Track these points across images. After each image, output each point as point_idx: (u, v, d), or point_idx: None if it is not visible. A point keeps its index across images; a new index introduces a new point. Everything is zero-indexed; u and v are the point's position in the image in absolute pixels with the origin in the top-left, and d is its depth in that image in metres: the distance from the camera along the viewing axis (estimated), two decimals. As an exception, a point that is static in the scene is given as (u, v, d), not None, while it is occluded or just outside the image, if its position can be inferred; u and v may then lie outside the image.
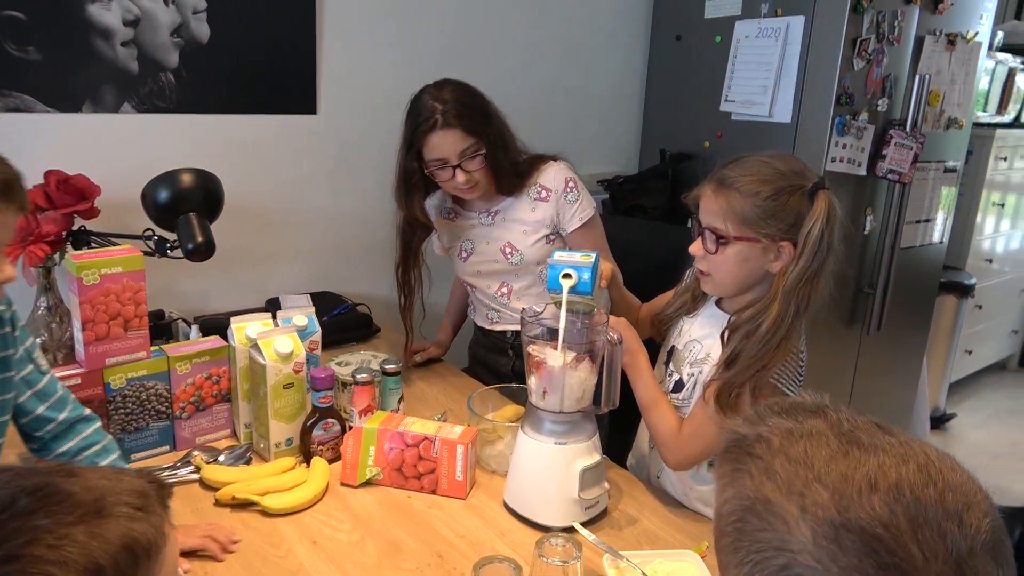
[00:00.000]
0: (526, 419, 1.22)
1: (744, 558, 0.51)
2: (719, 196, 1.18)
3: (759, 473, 0.52)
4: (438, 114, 1.50)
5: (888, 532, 0.45)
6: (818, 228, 1.13)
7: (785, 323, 1.14)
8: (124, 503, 0.59)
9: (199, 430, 1.42)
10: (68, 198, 1.56)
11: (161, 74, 1.79)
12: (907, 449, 0.50)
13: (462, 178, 1.55)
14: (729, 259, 1.19)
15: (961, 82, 2.61)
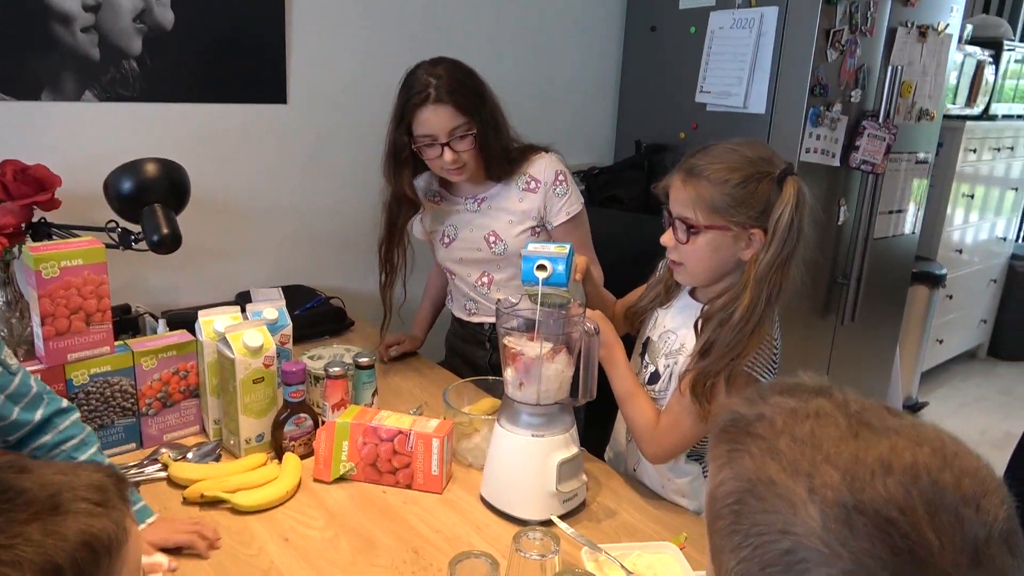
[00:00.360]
0: (502, 412, 1.20)
1: (742, 542, 0.48)
2: (688, 185, 1.18)
3: (761, 453, 0.49)
4: (431, 88, 1.47)
5: (903, 516, 0.43)
6: (788, 214, 1.13)
7: (758, 310, 1.14)
8: (81, 498, 0.56)
9: (166, 427, 1.38)
10: (26, 189, 1.50)
11: (124, 61, 1.73)
12: (920, 432, 0.47)
13: (450, 157, 1.51)
14: (700, 248, 1.19)
15: (932, 74, 2.64)
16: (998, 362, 4.20)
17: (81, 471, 0.60)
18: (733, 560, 0.49)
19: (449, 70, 1.51)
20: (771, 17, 2.27)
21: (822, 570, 0.43)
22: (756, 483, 0.49)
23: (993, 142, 3.69)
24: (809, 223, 1.16)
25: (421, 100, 1.48)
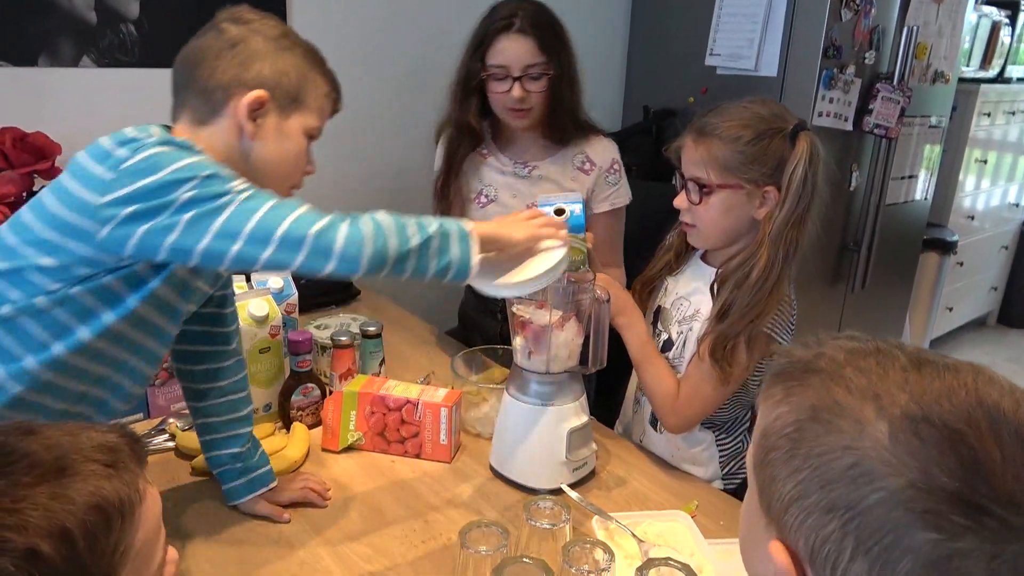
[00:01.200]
0: (511, 381, 1.19)
1: (801, 464, 0.48)
2: (700, 145, 1.16)
3: (824, 383, 0.50)
4: (516, 18, 1.41)
5: (971, 429, 0.44)
6: (801, 169, 1.11)
7: (775, 269, 1.12)
8: (91, 460, 0.55)
9: (174, 397, 1.37)
10: (26, 157, 1.48)
11: (121, 25, 1.69)
12: (977, 368, 0.49)
13: (518, 94, 1.42)
14: (713, 208, 1.16)
15: (948, 35, 2.57)
16: (1008, 330, 4.18)
17: (92, 431, 0.58)
18: (790, 484, 0.49)
19: (538, 7, 1.45)
20: (784, -24, 2.20)
21: (890, 480, 0.44)
22: (819, 409, 0.49)
23: (1008, 106, 3.62)
24: (823, 179, 1.14)
25: (503, 27, 1.41)
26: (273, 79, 0.90)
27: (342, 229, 0.82)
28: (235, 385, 1.10)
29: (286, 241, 0.79)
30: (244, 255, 0.79)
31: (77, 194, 0.80)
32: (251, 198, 0.81)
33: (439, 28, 2.28)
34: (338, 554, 1.03)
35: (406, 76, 2.22)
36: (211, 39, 0.91)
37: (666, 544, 1.01)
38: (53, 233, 0.80)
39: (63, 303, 0.81)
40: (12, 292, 0.81)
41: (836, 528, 0.46)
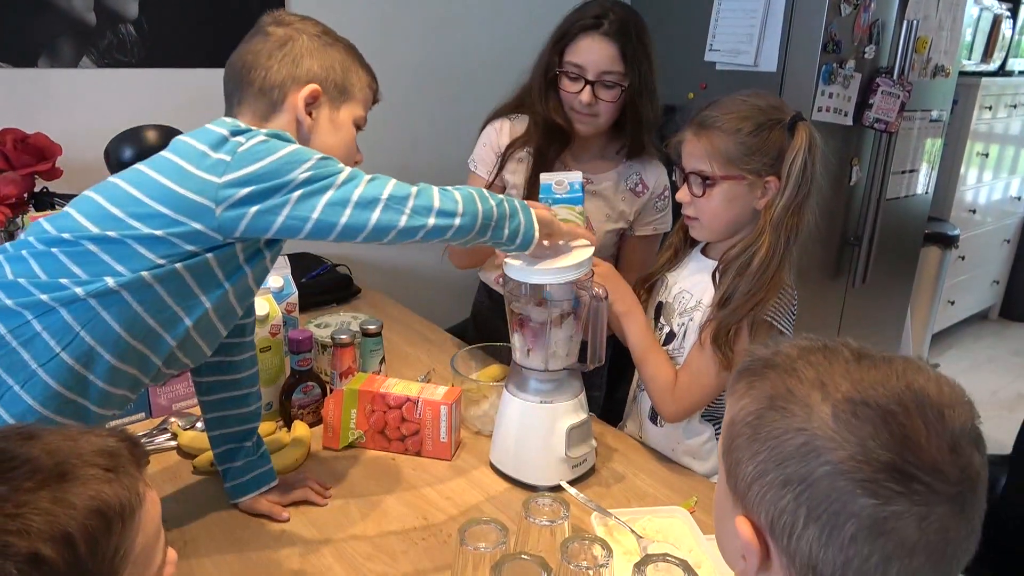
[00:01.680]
0: (511, 378, 1.19)
1: (760, 447, 0.55)
2: (701, 138, 1.17)
3: (779, 375, 0.57)
4: (606, 20, 1.35)
5: (901, 408, 0.51)
6: (801, 159, 1.13)
7: (776, 256, 1.14)
8: (91, 464, 0.55)
9: (175, 396, 1.37)
10: (27, 158, 1.49)
11: (121, 26, 1.70)
12: (911, 363, 0.56)
13: (587, 98, 1.36)
14: (716, 200, 1.18)
15: (948, 28, 2.56)
16: (1010, 323, 4.17)
17: (92, 436, 0.58)
18: (751, 464, 0.56)
19: (630, 14, 1.39)
20: (783, -29, 2.20)
21: (833, 454, 0.51)
22: (775, 398, 0.56)
23: (1009, 99, 3.61)
24: (821, 168, 1.16)
25: (590, 25, 1.35)
26: (322, 73, 0.96)
27: (435, 191, 0.91)
28: (249, 379, 1.11)
29: (392, 200, 0.87)
30: (353, 221, 0.85)
31: (196, 175, 0.83)
32: (352, 176, 0.87)
33: (441, 25, 2.28)
34: (339, 552, 1.04)
35: (408, 74, 2.23)
36: (259, 42, 0.96)
37: (665, 540, 1.02)
38: (167, 208, 0.83)
39: (164, 280, 0.84)
40: (117, 264, 0.82)
41: (791, 500, 0.53)
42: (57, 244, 0.83)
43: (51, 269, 0.82)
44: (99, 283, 0.81)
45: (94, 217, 0.84)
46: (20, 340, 0.80)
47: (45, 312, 0.81)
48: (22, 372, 0.81)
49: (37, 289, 0.81)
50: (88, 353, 0.83)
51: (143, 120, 1.50)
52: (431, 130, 2.33)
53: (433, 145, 2.33)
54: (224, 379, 1.09)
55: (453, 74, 2.35)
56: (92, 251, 0.82)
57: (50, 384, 0.81)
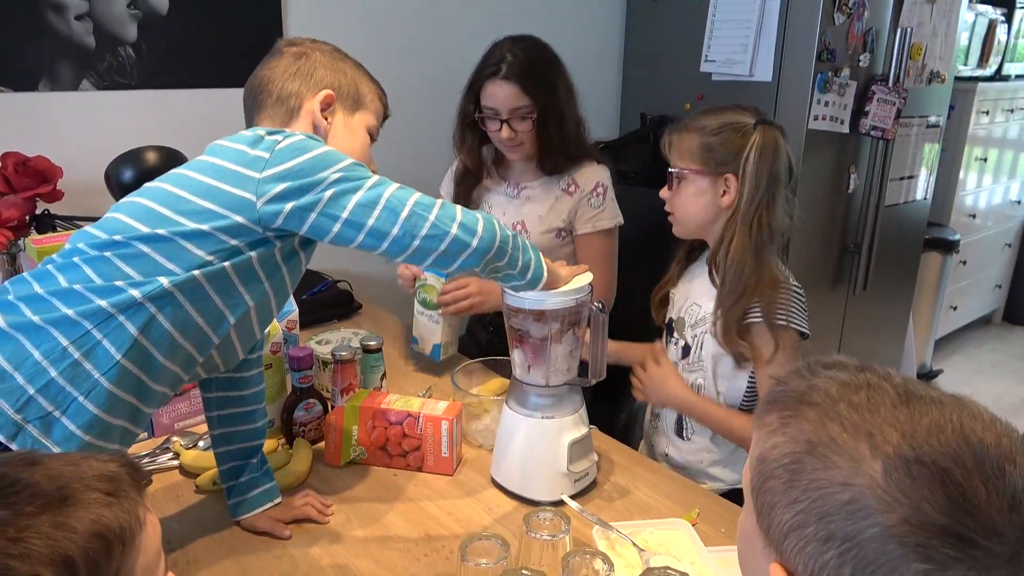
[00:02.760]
0: (511, 394, 1.20)
1: (800, 496, 0.52)
2: (673, 138, 1.29)
3: (819, 417, 0.53)
4: (503, 64, 1.51)
5: (956, 467, 0.48)
6: (753, 157, 1.20)
7: (747, 252, 1.21)
8: (92, 489, 0.56)
9: (177, 415, 1.38)
10: (28, 181, 1.50)
11: (120, 48, 1.72)
12: (964, 406, 0.52)
13: (506, 134, 1.53)
14: (684, 194, 1.27)
15: (943, 35, 2.58)
16: (1013, 327, 4.16)
17: (93, 461, 0.59)
18: (789, 513, 0.52)
19: (527, 51, 1.54)
20: (776, -19, 2.22)
21: (884, 516, 0.48)
22: (815, 444, 0.52)
23: (1006, 103, 3.61)
24: (784, 169, 1.23)
25: (490, 73, 1.52)
26: (335, 81, 1.03)
27: (459, 208, 0.94)
28: (255, 396, 1.12)
29: (418, 207, 0.89)
30: (380, 224, 0.88)
31: (237, 171, 0.87)
32: (381, 181, 0.90)
33: (442, 40, 2.30)
34: (341, 569, 1.04)
35: (410, 89, 2.24)
36: (276, 60, 1.03)
37: (667, 553, 1.01)
38: (211, 203, 0.86)
39: (213, 279, 0.87)
40: (169, 263, 0.85)
41: (833, 556, 0.49)
42: (109, 247, 0.85)
43: (105, 272, 0.84)
44: (154, 284, 0.84)
45: (142, 218, 0.87)
46: (83, 351, 0.82)
47: (104, 320, 0.83)
48: (86, 383, 0.82)
49: (94, 294, 0.83)
50: (145, 356, 0.86)
51: (143, 141, 1.51)
52: (430, 142, 2.34)
53: (432, 157, 2.34)
54: (232, 395, 1.10)
55: (452, 87, 2.36)
56: (144, 251, 0.85)
57: (111, 391, 0.84)
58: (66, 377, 0.82)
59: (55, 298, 0.83)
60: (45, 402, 0.81)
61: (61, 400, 0.82)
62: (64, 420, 0.82)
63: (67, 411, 0.82)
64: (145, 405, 0.89)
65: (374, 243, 0.89)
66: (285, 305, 1.44)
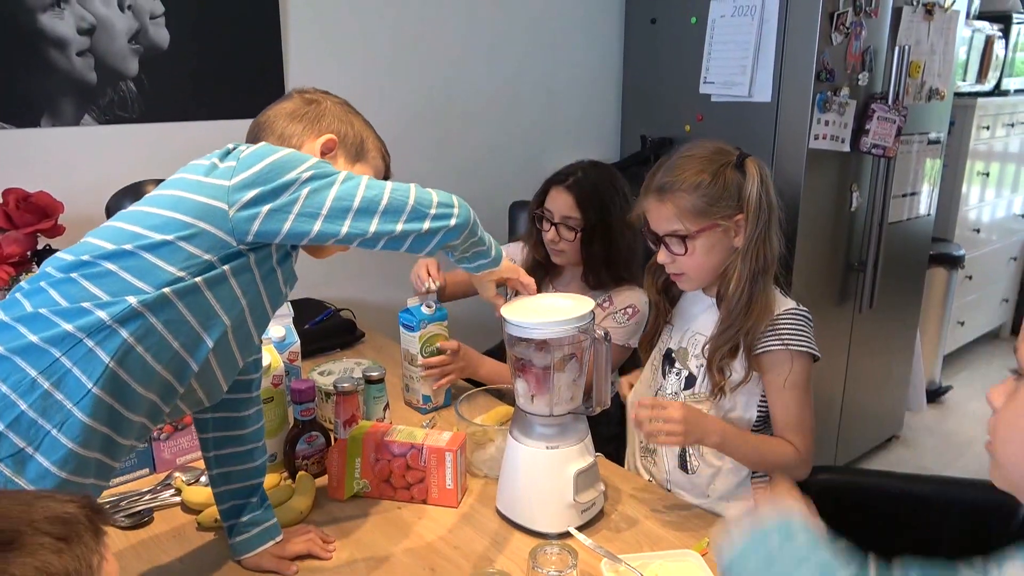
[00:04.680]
0: (515, 423, 1.18)
1: None
2: (665, 203, 1.23)
3: None
4: (571, 177, 1.63)
5: None
6: (756, 191, 1.21)
7: (745, 281, 1.21)
8: (42, 533, 0.53)
9: (179, 450, 1.37)
10: (30, 217, 1.50)
11: (121, 83, 1.73)
12: None
13: (551, 236, 1.63)
14: (698, 253, 1.24)
15: (941, 52, 2.58)
16: (1022, 341, 4.13)
17: (49, 501, 0.56)
18: None
19: (596, 173, 1.66)
20: (773, 3, 2.23)
21: None
22: None
23: (1007, 118, 3.61)
24: (775, 195, 1.24)
25: (558, 180, 1.65)
26: (341, 130, 1.05)
27: (432, 191, 0.94)
28: (254, 435, 1.10)
29: (395, 191, 0.90)
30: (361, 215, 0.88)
31: (208, 182, 0.86)
32: (350, 175, 0.90)
33: (438, 67, 2.31)
34: (345, 608, 1.02)
35: (406, 116, 2.25)
36: (285, 102, 1.05)
37: (677, 586, 0.99)
38: (180, 214, 0.84)
39: (185, 296, 0.84)
40: (137, 281, 0.82)
41: None
42: (76, 268, 0.82)
43: (71, 294, 0.81)
44: (122, 304, 0.80)
45: (110, 236, 0.84)
46: (52, 380, 0.78)
47: (73, 346, 0.79)
48: (58, 414, 0.78)
49: (60, 318, 0.79)
50: (118, 384, 0.81)
51: (144, 174, 1.51)
52: (431, 171, 2.35)
53: (432, 186, 2.35)
54: (229, 434, 1.08)
55: (452, 114, 2.38)
56: (110, 269, 0.81)
57: (85, 422, 0.79)
58: (37, 410, 0.77)
59: (20, 324, 0.79)
60: (16, 438, 0.77)
61: (33, 435, 0.77)
62: (38, 457, 0.77)
63: (40, 447, 0.77)
64: (121, 436, 0.84)
65: (356, 233, 0.88)
66: (287, 336, 1.44)
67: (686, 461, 1.31)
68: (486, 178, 2.47)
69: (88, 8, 1.65)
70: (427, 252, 0.96)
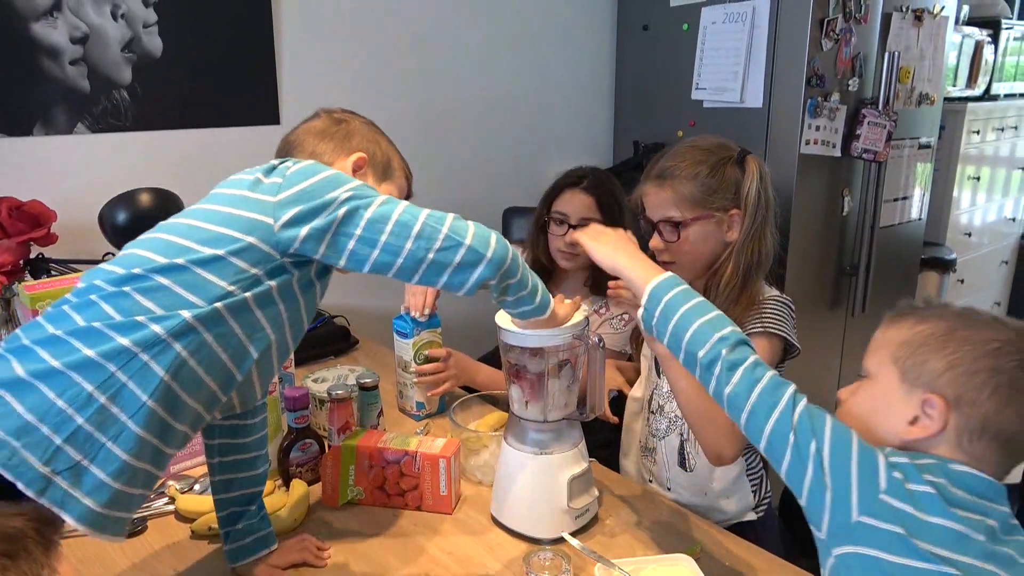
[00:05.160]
0: (509, 429, 1.18)
1: (955, 349, 0.78)
2: (664, 188, 1.26)
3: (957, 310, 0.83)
4: (585, 179, 1.65)
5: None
6: (755, 187, 1.23)
7: (736, 277, 1.24)
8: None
9: (174, 459, 1.35)
10: (22, 225, 1.50)
11: (114, 91, 1.73)
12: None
13: (570, 239, 1.58)
14: (690, 241, 1.26)
15: (930, 57, 2.60)
16: (1014, 344, 4.14)
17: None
18: (943, 362, 0.78)
19: (605, 177, 1.69)
20: (763, 9, 2.25)
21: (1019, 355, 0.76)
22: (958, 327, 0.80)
23: (996, 122, 3.64)
24: (772, 193, 1.27)
25: (572, 183, 1.65)
26: (370, 149, 1.08)
27: (470, 223, 0.92)
28: (258, 443, 1.10)
29: (430, 219, 0.88)
30: (393, 240, 0.87)
31: (253, 197, 0.88)
32: (390, 199, 0.90)
33: (430, 74, 2.32)
34: (340, 615, 1.02)
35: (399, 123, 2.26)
36: (314, 121, 1.08)
37: (671, 590, 1.00)
38: (229, 229, 0.86)
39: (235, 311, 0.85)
40: (190, 295, 0.83)
41: (981, 380, 0.76)
42: (128, 282, 0.83)
43: (125, 308, 0.81)
44: (176, 319, 0.81)
45: (159, 249, 0.85)
46: (108, 395, 0.79)
47: (129, 360, 0.80)
48: (113, 427, 0.79)
49: (115, 331, 0.80)
50: (171, 396, 0.83)
51: (137, 182, 1.52)
52: (424, 178, 2.35)
53: (426, 193, 2.35)
54: (235, 442, 1.07)
55: (445, 121, 2.39)
56: (163, 284, 0.83)
57: (139, 434, 0.80)
58: (93, 423, 0.78)
59: (74, 338, 0.80)
60: (73, 451, 0.78)
61: (89, 448, 0.78)
62: (93, 469, 0.78)
63: (96, 459, 0.78)
64: (167, 446, 0.86)
65: (389, 259, 0.87)
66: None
67: (685, 459, 1.32)
68: (480, 184, 2.48)
69: (81, 17, 1.66)
70: (465, 291, 0.91)
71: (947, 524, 0.71)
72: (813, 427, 0.76)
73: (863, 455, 0.74)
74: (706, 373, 0.85)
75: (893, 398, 0.81)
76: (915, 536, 0.70)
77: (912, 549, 0.70)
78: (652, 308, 0.93)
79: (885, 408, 0.82)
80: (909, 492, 0.72)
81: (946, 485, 0.74)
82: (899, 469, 0.74)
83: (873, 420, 0.83)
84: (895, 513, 0.72)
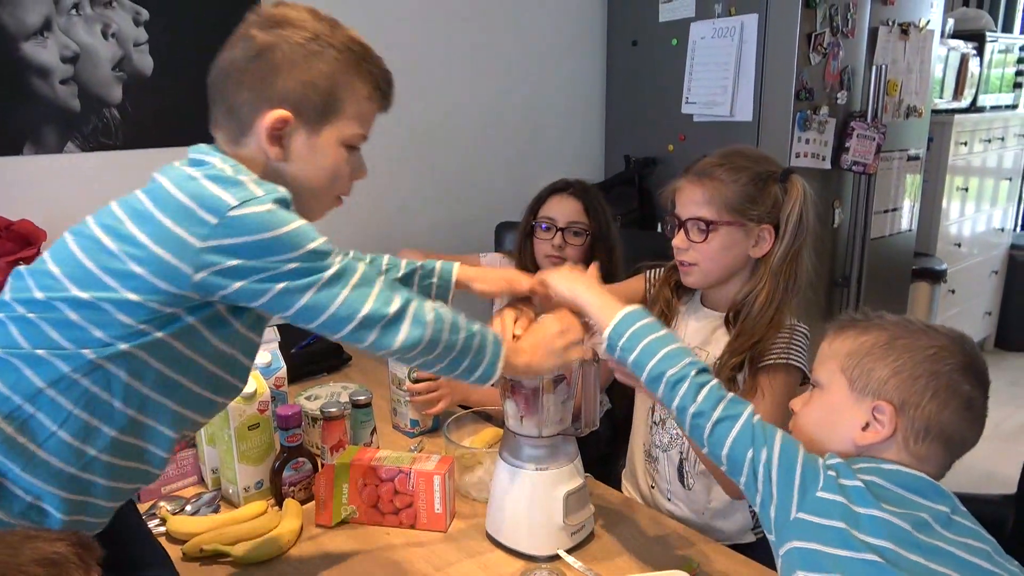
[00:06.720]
0: (504, 445, 1.18)
1: (897, 356, 0.83)
2: (701, 186, 1.22)
3: (894, 325, 0.87)
4: (571, 185, 1.68)
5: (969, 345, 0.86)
6: (798, 209, 1.20)
7: (775, 300, 1.21)
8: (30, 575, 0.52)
9: (164, 479, 1.35)
10: (11, 245, 1.49)
11: (105, 110, 1.73)
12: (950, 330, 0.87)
13: (558, 241, 1.64)
14: (715, 245, 1.22)
15: (917, 70, 2.63)
16: (1006, 353, 4.16)
17: (38, 542, 0.55)
18: (887, 369, 0.83)
19: (590, 185, 1.71)
20: (751, 24, 2.27)
21: (953, 359, 0.82)
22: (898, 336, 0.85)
23: (983, 134, 3.68)
24: (814, 216, 1.23)
25: (558, 189, 1.68)
26: (298, 93, 0.85)
27: (410, 311, 0.85)
28: None
29: (365, 322, 0.83)
30: (324, 327, 0.82)
31: (173, 232, 0.76)
32: (340, 273, 0.82)
33: (424, 89, 2.33)
34: (334, 637, 1.00)
35: (392, 138, 2.26)
36: (239, 49, 0.87)
37: (668, 607, 0.99)
38: (143, 269, 0.76)
39: (151, 348, 0.79)
40: (97, 331, 0.77)
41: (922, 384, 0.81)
42: (36, 309, 0.77)
43: (32, 338, 0.77)
44: (80, 358, 0.76)
45: (70, 271, 0.78)
46: (15, 425, 0.76)
47: (35, 395, 0.76)
48: (21, 457, 0.76)
49: (22, 363, 0.76)
50: (85, 429, 0.79)
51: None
52: (416, 194, 2.36)
53: (419, 209, 2.36)
54: None
55: (437, 137, 2.39)
56: (71, 319, 0.76)
57: (52, 463, 0.77)
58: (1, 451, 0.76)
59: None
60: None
61: None
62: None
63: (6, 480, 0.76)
64: (107, 480, 0.82)
65: (320, 331, 0.83)
66: (273, 362, 1.43)
67: (683, 476, 1.31)
68: (472, 200, 2.48)
69: (72, 36, 1.65)
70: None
71: (876, 514, 0.76)
72: (766, 438, 0.84)
73: (807, 463, 0.82)
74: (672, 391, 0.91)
75: (845, 406, 0.87)
76: (854, 528, 0.76)
77: (848, 541, 0.75)
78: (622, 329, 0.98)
79: (838, 416, 0.87)
80: (841, 486, 0.79)
81: (875, 481, 0.80)
82: (834, 468, 0.81)
83: (828, 428, 0.89)
84: (831, 506, 0.78)
